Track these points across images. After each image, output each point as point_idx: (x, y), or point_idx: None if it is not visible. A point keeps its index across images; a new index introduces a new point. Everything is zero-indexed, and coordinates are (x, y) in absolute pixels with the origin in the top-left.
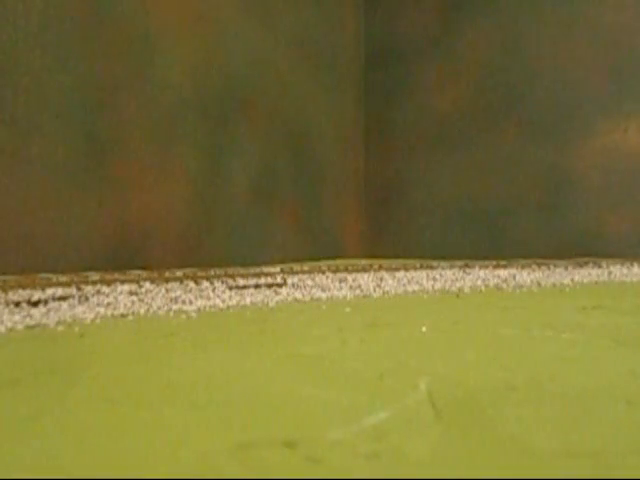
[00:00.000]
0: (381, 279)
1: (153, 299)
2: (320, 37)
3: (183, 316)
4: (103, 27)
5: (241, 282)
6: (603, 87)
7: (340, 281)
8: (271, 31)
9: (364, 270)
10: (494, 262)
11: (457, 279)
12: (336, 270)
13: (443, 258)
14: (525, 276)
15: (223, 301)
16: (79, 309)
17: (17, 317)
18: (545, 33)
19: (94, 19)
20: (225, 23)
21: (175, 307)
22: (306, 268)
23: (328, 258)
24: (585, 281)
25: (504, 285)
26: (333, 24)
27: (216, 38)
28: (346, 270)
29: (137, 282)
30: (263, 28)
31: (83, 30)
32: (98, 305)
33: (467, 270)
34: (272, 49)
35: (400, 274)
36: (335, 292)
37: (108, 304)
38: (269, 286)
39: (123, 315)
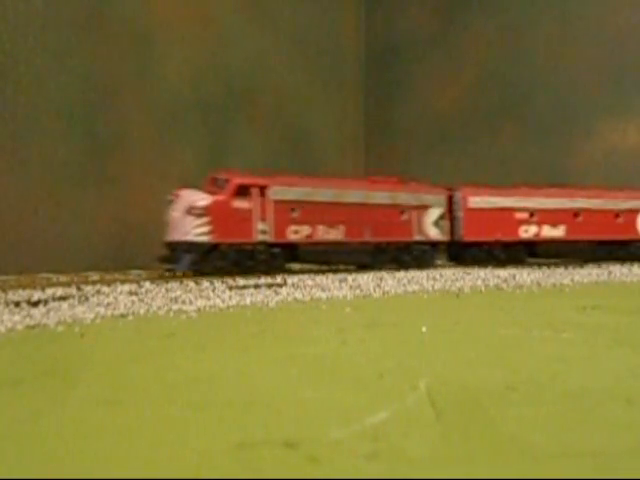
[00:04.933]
0: (381, 279)
1: (153, 299)
2: (320, 38)
3: (183, 316)
4: (103, 27)
5: (241, 282)
6: (603, 87)
7: (340, 281)
8: (271, 31)
9: (364, 270)
10: (494, 262)
11: (457, 279)
12: (336, 270)
13: None
14: (525, 276)
15: (223, 301)
16: (79, 309)
17: (17, 317)
18: (545, 33)
19: (94, 19)
20: (225, 23)
21: (175, 307)
22: (306, 268)
23: None
24: (585, 281)
25: (504, 285)
26: (333, 24)
27: (216, 38)
28: (346, 270)
29: (137, 282)
30: (263, 28)
31: (83, 30)
32: (98, 305)
33: (467, 270)
34: (272, 49)
35: (400, 274)
36: (335, 292)
37: (108, 304)
38: (269, 286)
39: (123, 315)
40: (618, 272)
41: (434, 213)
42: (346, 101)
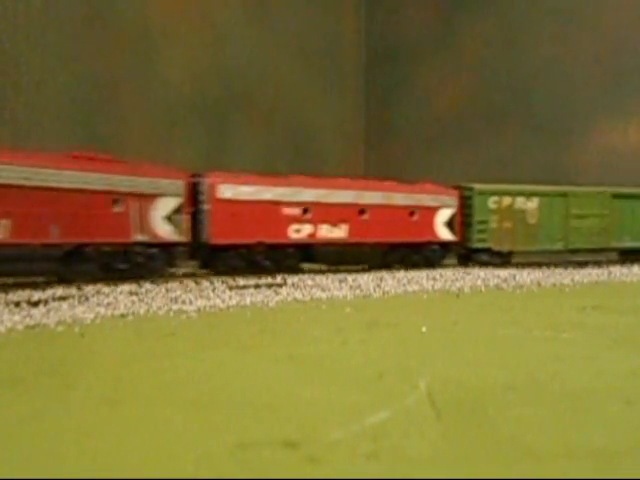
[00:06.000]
0: (381, 279)
1: (153, 299)
2: (320, 38)
3: (183, 316)
4: (103, 27)
5: (241, 282)
6: (603, 87)
7: (340, 281)
8: (271, 31)
9: (364, 270)
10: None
11: (457, 279)
12: (336, 270)
13: None
14: (525, 276)
15: (223, 301)
16: (79, 309)
17: (17, 317)
18: (545, 33)
19: (94, 19)
20: (225, 23)
21: (175, 307)
22: (306, 268)
23: None
24: (585, 281)
25: (504, 285)
26: (333, 25)
27: (216, 38)
28: (346, 270)
29: (137, 282)
30: (263, 28)
31: (83, 30)
32: (98, 305)
33: (467, 270)
34: (272, 50)
35: (400, 274)
36: (335, 292)
37: (108, 304)
38: (269, 286)
39: (123, 315)
40: (618, 272)
41: (166, 205)
42: (346, 101)
